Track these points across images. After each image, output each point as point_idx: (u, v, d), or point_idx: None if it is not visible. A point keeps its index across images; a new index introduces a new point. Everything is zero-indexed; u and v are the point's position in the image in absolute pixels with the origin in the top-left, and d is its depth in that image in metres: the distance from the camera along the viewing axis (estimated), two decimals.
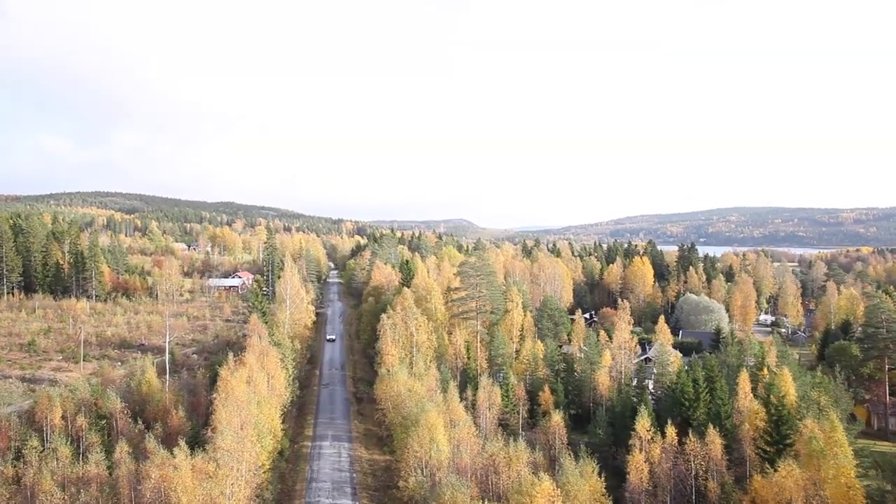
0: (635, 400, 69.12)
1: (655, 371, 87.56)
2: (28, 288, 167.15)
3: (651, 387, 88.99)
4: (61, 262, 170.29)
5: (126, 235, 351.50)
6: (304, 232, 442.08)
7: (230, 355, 66.40)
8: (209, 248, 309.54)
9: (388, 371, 75.39)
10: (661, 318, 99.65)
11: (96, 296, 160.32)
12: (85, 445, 56.65)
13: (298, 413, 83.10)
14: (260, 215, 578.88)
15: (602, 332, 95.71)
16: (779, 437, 51.55)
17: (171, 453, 45.22)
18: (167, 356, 79.89)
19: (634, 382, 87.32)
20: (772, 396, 53.97)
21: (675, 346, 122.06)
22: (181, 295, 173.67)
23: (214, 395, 53.82)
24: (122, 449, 49.26)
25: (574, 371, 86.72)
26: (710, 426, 54.20)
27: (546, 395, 77.08)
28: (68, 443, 54.64)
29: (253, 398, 59.24)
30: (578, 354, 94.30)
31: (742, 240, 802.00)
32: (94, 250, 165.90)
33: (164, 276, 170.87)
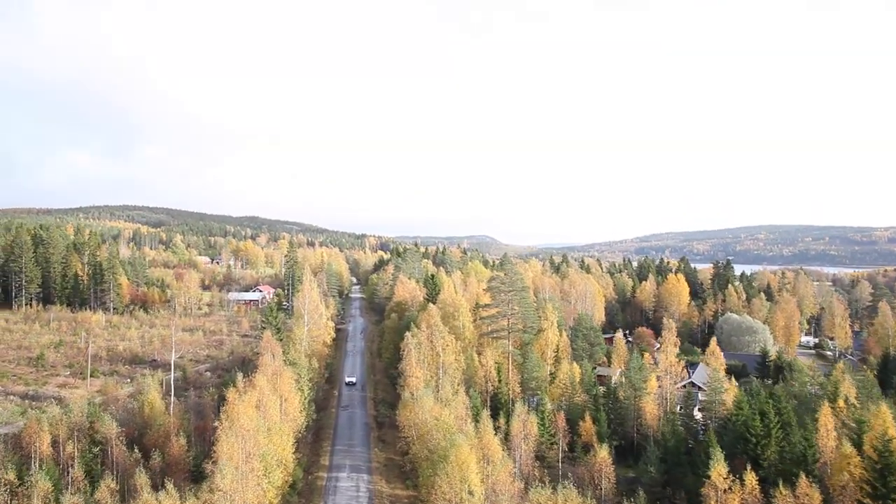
0: (696, 434, 60.89)
1: (704, 399, 79.29)
2: (46, 299, 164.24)
3: (699, 416, 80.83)
4: (80, 274, 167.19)
5: (151, 248, 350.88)
6: (327, 247, 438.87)
7: (239, 376, 60.21)
8: (231, 262, 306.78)
9: (413, 395, 68.46)
10: (714, 340, 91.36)
11: (114, 308, 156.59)
12: (69, 478, 50.53)
13: (314, 439, 76.42)
14: (284, 230, 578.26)
15: (646, 355, 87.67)
16: (886, 491, 42.99)
17: (165, 488, 38.92)
18: (172, 375, 73.80)
19: (679, 410, 79.56)
20: (867, 437, 45.70)
21: None
22: (199, 308, 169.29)
23: (217, 424, 47.36)
24: (105, 487, 42.91)
25: (616, 398, 78.81)
26: (802, 475, 45.53)
27: (587, 425, 69.42)
28: (57, 473, 48.75)
29: (262, 425, 52.80)
30: (620, 379, 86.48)
31: (771, 258, 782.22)
32: (112, 262, 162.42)
33: (183, 288, 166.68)
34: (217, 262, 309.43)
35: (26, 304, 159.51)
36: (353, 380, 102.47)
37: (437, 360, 76.59)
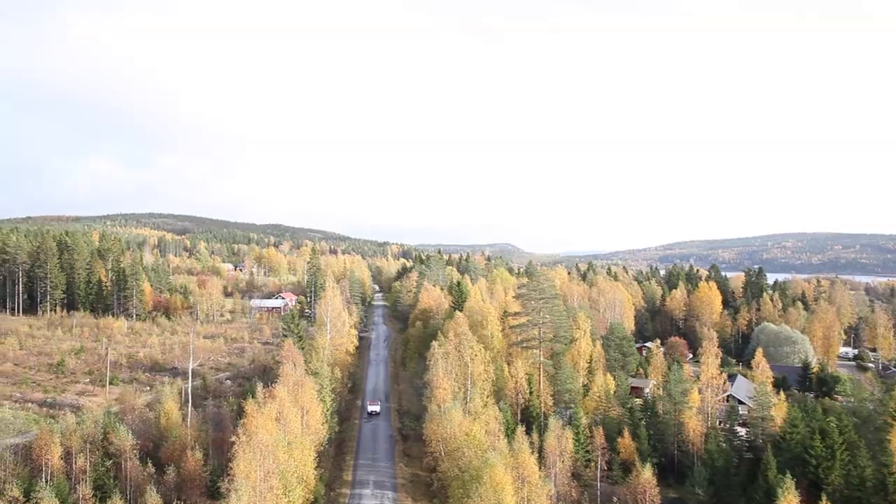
0: (742, 452, 56.24)
1: (751, 414, 74.44)
2: (71, 305, 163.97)
3: (742, 432, 75.89)
4: (104, 280, 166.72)
5: (175, 255, 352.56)
6: (349, 254, 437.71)
7: (259, 386, 57.17)
8: (254, 269, 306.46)
9: (440, 407, 64.99)
10: (759, 352, 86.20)
11: (136, 314, 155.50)
12: (78, 494, 47.69)
13: (336, 452, 73.08)
14: (307, 237, 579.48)
15: (686, 367, 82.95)
16: None
17: None
18: (189, 384, 70.99)
19: (720, 425, 74.87)
20: None
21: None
22: (221, 315, 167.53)
23: (234, 439, 44.22)
24: None
25: (655, 412, 74.30)
26: None
27: (626, 442, 65.13)
28: (67, 488, 45.97)
29: (282, 439, 49.62)
30: (657, 392, 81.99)
31: (799, 267, 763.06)
32: (135, 268, 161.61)
33: (205, 295, 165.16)
34: (240, 270, 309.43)
35: (51, 310, 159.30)
36: (377, 409, 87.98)
37: (465, 371, 72.90)
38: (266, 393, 57.05)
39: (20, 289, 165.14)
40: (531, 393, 77.28)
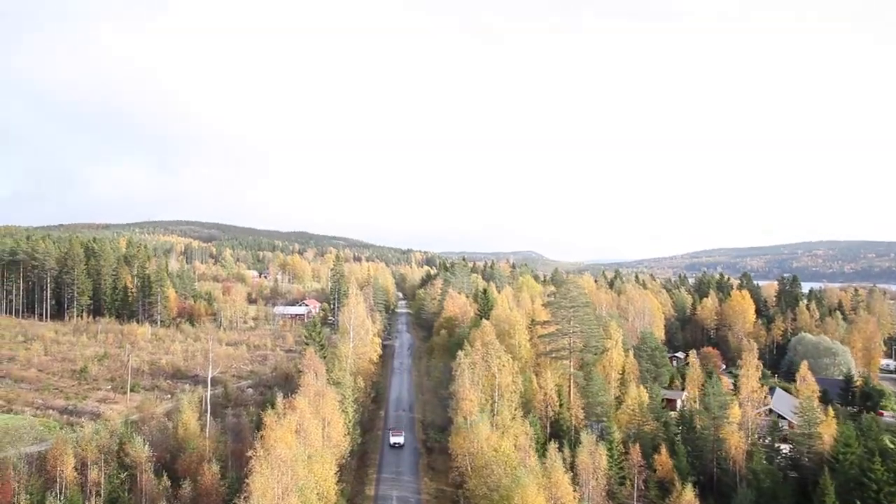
0: (787, 472, 52.44)
1: (796, 431, 70.37)
2: (97, 311, 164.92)
3: (785, 449, 71.79)
4: (129, 286, 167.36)
5: (201, 262, 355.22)
6: (373, 261, 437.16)
7: (279, 397, 55.03)
8: (279, 276, 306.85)
9: (466, 420, 62.15)
10: (804, 365, 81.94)
11: (161, 321, 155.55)
12: None
13: (359, 464, 70.59)
14: (331, 244, 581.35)
15: (724, 380, 79.00)
16: None
17: None
18: (208, 393, 69.13)
19: (761, 441, 70.92)
20: None
21: (793, 395, 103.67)
22: (245, 322, 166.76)
23: (251, 453, 42.01)
24: None
25: (692, 426, 70.58)
26: None
27: (663, 459, 61.61)
28: (81, 501, 44.17)
29: (301, 453, 47.26)
30: (692, 405, 78.19)
31: (831, 275, 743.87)
32: (160, 275, 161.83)
33: (229, 302, 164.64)
34: (265, 276, 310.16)
35: (77, 316, 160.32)
36: (400, 440, 77.56)
37: (492, 382, 70.00)
38: (286, 404, 54.92)
39: (48, 294, 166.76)
40: (561, 405, 74.07)
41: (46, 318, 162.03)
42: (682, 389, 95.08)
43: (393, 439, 77.66)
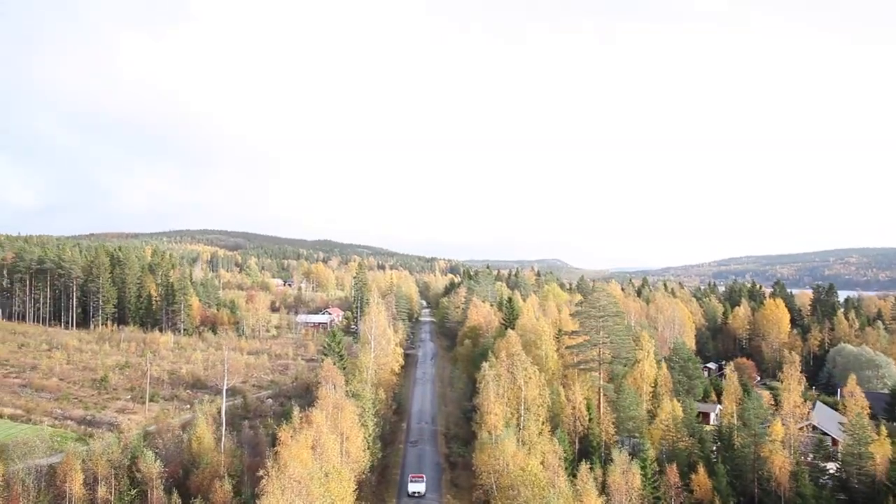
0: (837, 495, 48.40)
1: (844, 450, 66.00)
2: (121, 319, 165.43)
3: (831, 468, 67.41)
4: (154, 295, 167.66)
5: (227, 270, 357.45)
6: (397, 270, 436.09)
7: (295, 410, 52.73)
8: (303, 284, 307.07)
9: (491, 435, 59.22)
10: (852, 379, 77.26)
11: (184, 329, 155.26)
12: None
13: (379, 480, 67.97)
14: (355, 253, 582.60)
15: (765, 394, 74.78)
16: None
17: None
18: (223, 406, 67.08)
19: (804, 459, 66.65)
20: None
21: (835, 409, 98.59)
22: (267, 331, 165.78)
23: (261, 473, 39.66)
24: None
25: (731, 444, 66.59)
26: None
27: (701, 479, 57.82)
28: None
29: (317, 471, 44.85)
30: (729, 420, 74.02)
31: (865, 283, 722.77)
32: (183, 283, 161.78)
33: (251, 310, 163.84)
34: (289, 285, 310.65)
35: (102, 324, 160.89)
36: (421, 489, 64.18)
37: (518, 395, 66.90)
38: (302, 417, 52.60)
39: (74, 303, 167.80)
40: (590, 420, 70.60)
41: (73, 326, 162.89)
42: (717, 403, 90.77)
43: (412, 487, 63.99)
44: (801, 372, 70.14)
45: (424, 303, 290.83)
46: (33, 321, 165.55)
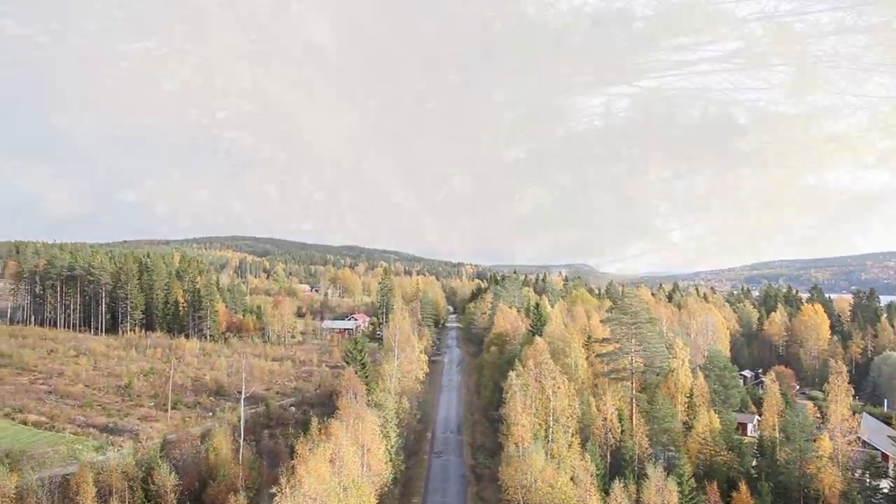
0: None
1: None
2: (149, 326, 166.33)
3: (885, 488, 63.14)
4: (181, 301, 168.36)
5: (255, 276, 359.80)
6: (423, 275, 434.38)
7: (314, 422, 50.81)
8: (329, 290, 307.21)
9: (518, 447, 56.54)
10: None
11: (210, 335, 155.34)
12: None
13: (402, 493, 65.72)
14: (382, 258, 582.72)
15: (809, 405, 70.71)
16: None
17: None
18: (242, 417, 65.45)
19: (855, 476, 62.52)
20: None
21: (883, 422, 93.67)
22: (293, 336, 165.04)
23: (274, 490, 37.69)
24: None
25: (773, 459, 62.81)
26: None
27: (744, 498, 54.29)
28: None
29: (335, 486, 42.74)
30: (770, 433, 70.22)
31: None
32: (210, 289, 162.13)
33: (277, 316, 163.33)
34: (316, 290, 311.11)
35: (130, 330, 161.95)
36: None
37: (546, 406, 64.05)
38: (321, 429, 50.63)
39: (103, 309, 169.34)
40: (623, 432, 67.36)
41: (101, 332, 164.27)
42: (756, 413, 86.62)
43: None
44: (817, 378, 66.19)
45: (451, 308, 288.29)
46: (64, 327, 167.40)
